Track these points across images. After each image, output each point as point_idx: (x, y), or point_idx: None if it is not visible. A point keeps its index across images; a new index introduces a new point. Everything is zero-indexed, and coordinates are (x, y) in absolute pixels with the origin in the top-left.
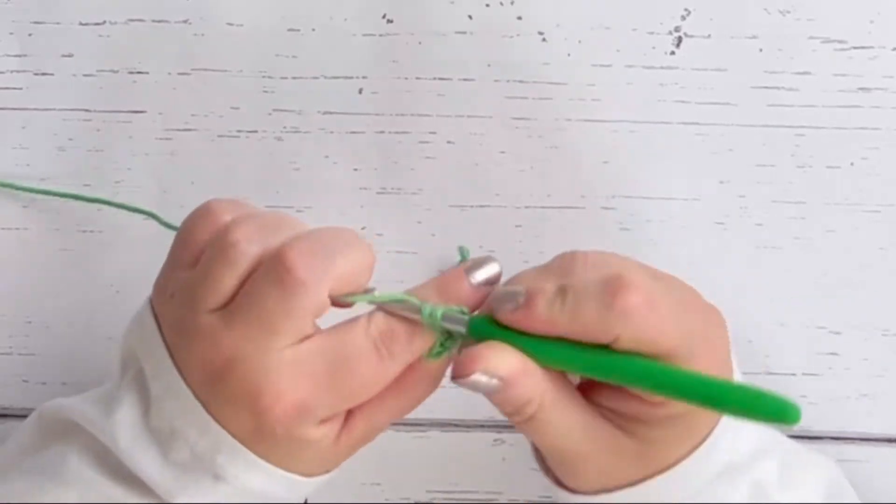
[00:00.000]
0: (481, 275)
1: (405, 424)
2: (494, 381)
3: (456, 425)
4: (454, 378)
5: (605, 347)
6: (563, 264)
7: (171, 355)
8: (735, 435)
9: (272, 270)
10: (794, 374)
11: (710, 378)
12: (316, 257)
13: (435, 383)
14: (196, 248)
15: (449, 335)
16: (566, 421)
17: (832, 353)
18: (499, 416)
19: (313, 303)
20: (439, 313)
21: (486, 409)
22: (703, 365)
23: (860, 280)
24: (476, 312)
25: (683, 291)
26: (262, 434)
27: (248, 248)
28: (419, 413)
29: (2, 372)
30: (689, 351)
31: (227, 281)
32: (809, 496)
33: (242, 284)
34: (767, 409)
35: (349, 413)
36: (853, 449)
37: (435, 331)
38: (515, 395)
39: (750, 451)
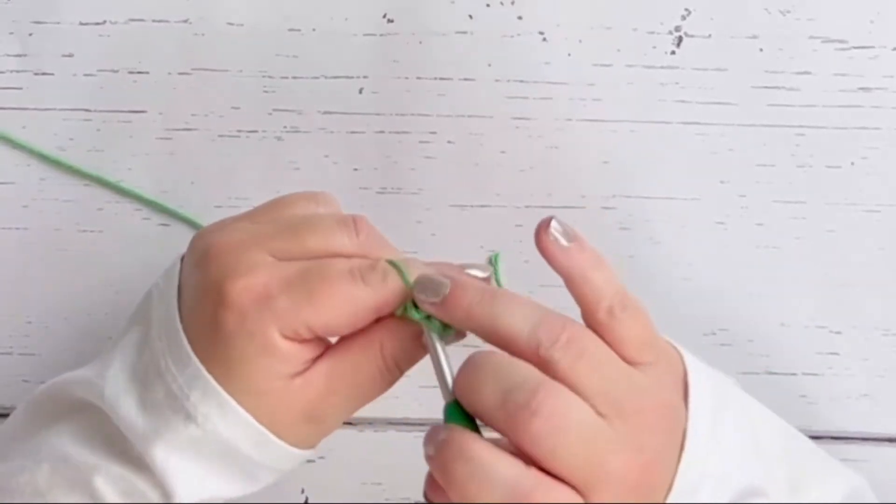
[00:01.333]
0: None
1: (405, 424)
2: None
3: None
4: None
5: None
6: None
7: (179, 289)
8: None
9: (342, 218)
10: (794, 374)
11: None
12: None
13: (400, 353)
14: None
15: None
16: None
17: (832, 353)
18: None
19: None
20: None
21: None
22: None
23: (860, 280)
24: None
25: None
26: (219, 323)
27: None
28: (419, 413)
29: (2, 372)
30: (587, 487)
31: (307, 243)
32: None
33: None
34: None
35: (311, 364)
36: (853, 449)
37: (407, 284)
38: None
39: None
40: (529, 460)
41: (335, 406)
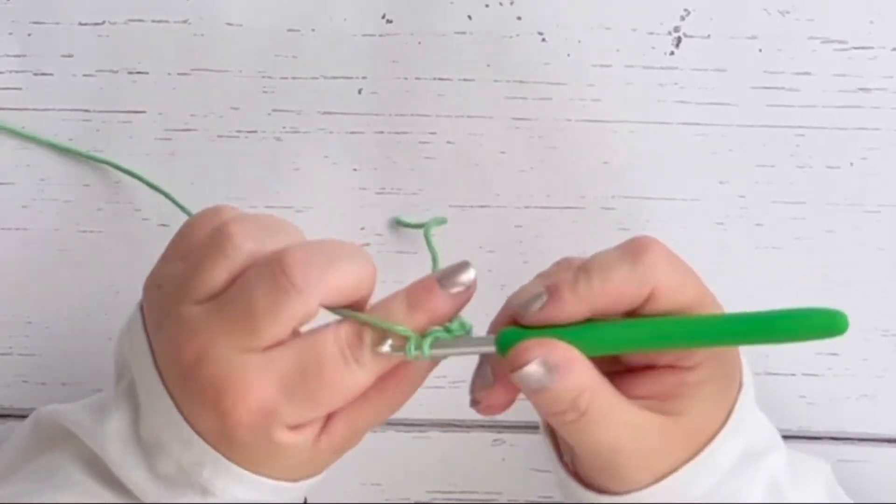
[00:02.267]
0: (456, 281)
1: (405, 424)
2: (551, 373)
3: (456, 425)
4: (510, 371)
5: (637, 319)
6: (562, 263)
7: (153, 353)
8: (752, 420)
9: (268, 269)
10: (794, 374)
11: (755, 314)
12: (313, 265)
13: (415, 386)
14: (192, 243)
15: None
16: (616, 412)
17: (832, 353)
18: (498, 417)
19: (302, 310)
20: (427, 345)
21: None
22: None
23: (860, 280)
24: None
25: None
26: (228, 437)
27: (244, 243)
28: (419, 413)
29: (2, 372)
30: (713, 299)
31: (218, 273)
32: (815, 492)
33: (233, 281)
34: (817, 323)
35: (329, 416)
36: (853, 449)
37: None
38: (571, 385)
39: (765, 441)
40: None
41: (361, 436)
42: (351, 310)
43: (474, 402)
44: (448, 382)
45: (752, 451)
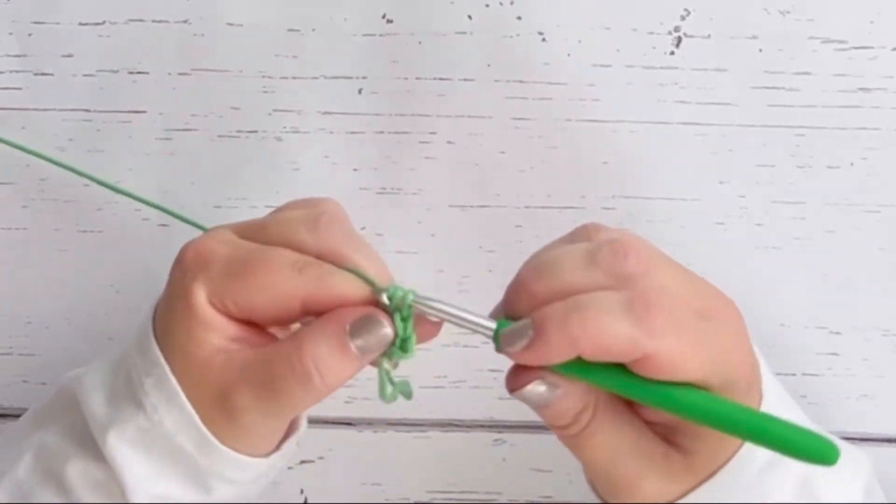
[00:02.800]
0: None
1: (405, 424)
2: (554, 389)
3: (456, 425)
4: (510, 390)
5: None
6: (590, 232)
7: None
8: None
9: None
10: (794, 375)
11: (754, 413)
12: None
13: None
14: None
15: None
16: (618, 433)
17: (832, 353)
18: (499, 416)
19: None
20: (409, 298)
21: (486, 409)
22: (734, 391)
23: (860, 280)
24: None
25: (701, 292)
26: (167, 286)
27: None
28: (419, 413)
29: (2, 372)
30: (714, 374)
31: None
32: (851, 490)
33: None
34: (808, 450)
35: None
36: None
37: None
38: (574, 401)
39: None
40: None
41: (246, 398)
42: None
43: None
44: (448, 382)
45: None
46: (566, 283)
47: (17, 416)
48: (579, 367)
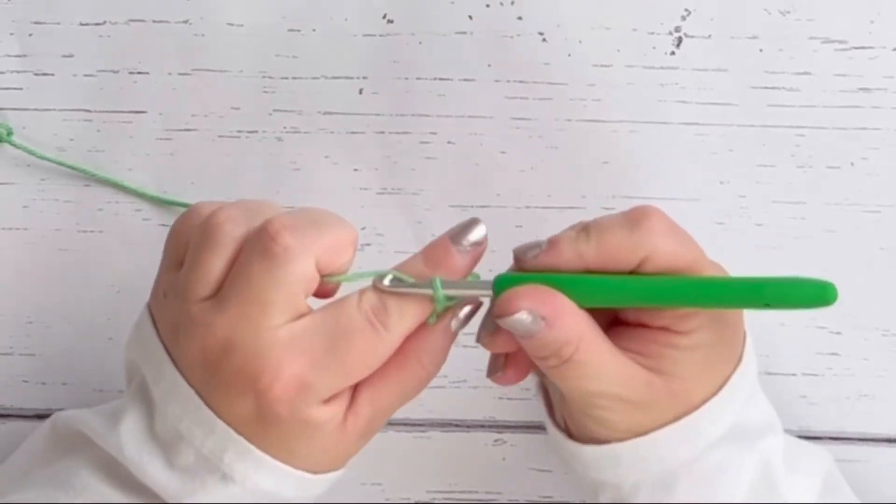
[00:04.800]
0: (468, 238)
1: (405, 424)
2: (538, 322)
3: (456, 425)
4: (496, 316)
5: (632, 276)
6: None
7: (170, 355)
8: (749, 397)
9: (257, 242)
10: (794, 375)
11: (745, 278)
12: (300, 227)
13: (436, 358)
14: (184, 245)
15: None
16: (602, 362)
17: (832, 353)
18: (499, 416)
19: (301, 271)
20: (439, 289)
21: (486, 409)
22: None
23: (860, 280)
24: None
25: None
26: (264, 419)
27: (233, 229)
28: (419, 413)
29: (2, 372)
30: (715, 268)
31: (215, 265)
32: (810, 483)
33: (230, 268)
34: (807, 292)
35: (354, 395)
36: (853, 449)
37: (440, 303)
38: (557, 335)
39: (762, 423)
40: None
41: (384, 419)
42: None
43: (483, 345)
44: (449, 382)
45: (745, 430)
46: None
47: (18, 417)
48: (581, 282)
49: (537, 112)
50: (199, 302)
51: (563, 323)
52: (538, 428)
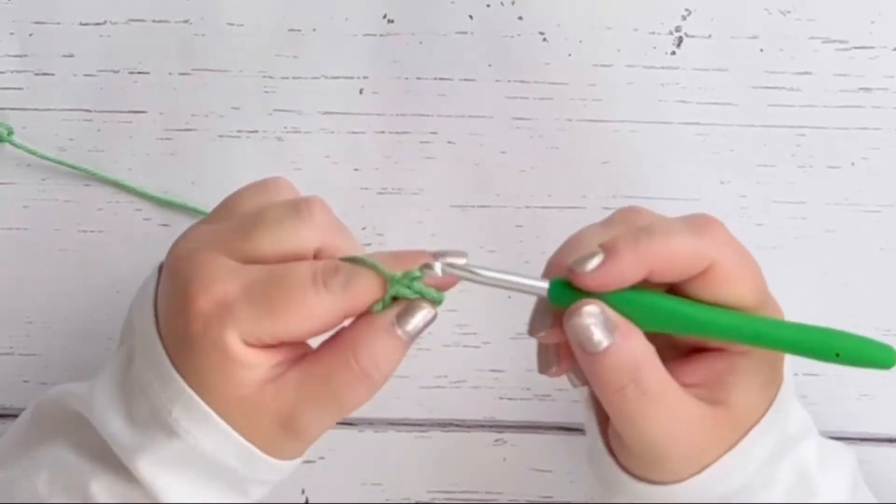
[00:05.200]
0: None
1: (405, 424)
2: (603, 338)
3: (456, 425)
4: (568, 319)
5: (696, 302)
6: (628, 215)
7: (155, 306)
8: (790, 411)
9: (293, 201)
10: (794, 374)
11: (819, 328)
12: (333, 218)
13: (372, 356)
14: (246, 206)
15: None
16: (673, 400)
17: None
18: (499, 416)
19: (299, 237)
20: (394, 283)
21: (486, 409)
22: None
23: (860, 280)
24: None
25: None
26: (186, 336)
27: (322, 222)
28: (420, 413)
29: (2, 372)
30: (770, 299)
31: (289, 239)
32: (842, 484)
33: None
34: (873, 354)
35: (282, 372)
36: (853, 449)
37: (393, 286)
38: (629, 351)
39: (799, 430)
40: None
41: (311, 415)
42: None
43: (532, 332)
44: (449, 382)
45: (787, 441)
46: (597, 239)
47: (18, 416)
48: (637, 304)
49: (537, 112)
50: (219, 255)
51: (633, 338)
52: (538, 428)
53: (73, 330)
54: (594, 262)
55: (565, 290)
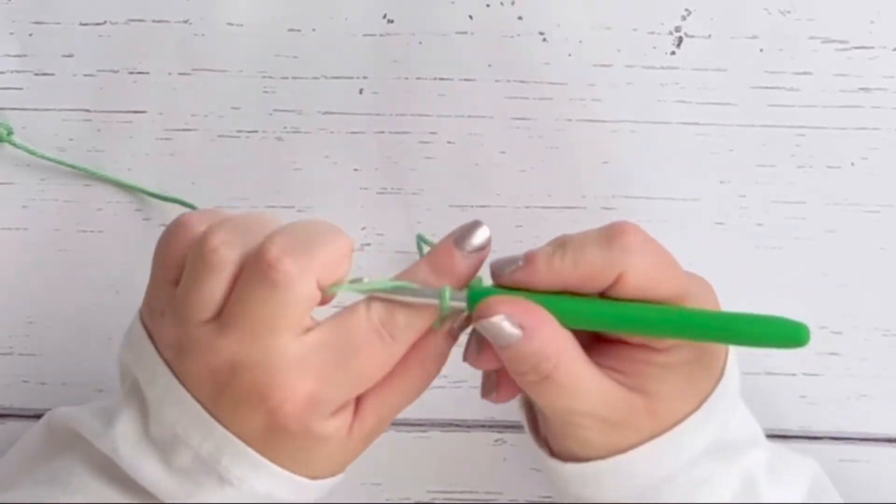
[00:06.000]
0: (471, 242)
1: (405, 424)
2: (516, 330)
3: (456, 425)
4: (475, 318)
5: (608, 299)
6: (613, 235)
7: (170, 367)
8: (731, 412)
9: (256, 270)
10: (794, 375)
11: (719, 313)
12: (297, 249)
13: (438, 361)
14: (176, 263)
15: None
16: (581, 381)
17: (832, 353)
18: (499, 416)
19: (303, 294)
20: (447, 298)
21: (486, 409)
22: (702, 305)
23: (860, 280)
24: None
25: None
26: (275, 433)
27: (229, 252)
28: (419, 413)
29: (2, 372)
30: (689, 292)
31: (215, 289)
32: (794, 493)
33: (230, 291)
34: (779, 333)
35: (358, 403)
36: (853, 449)
37: (446, 311)
38: (535, 347)
39: (743, 437)
40: None
41: (387, 423)
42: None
43: (469, 362)
44: (449, 382)
45: (728, 444)
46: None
47: (18, 417)
48: (557, 302)
49: (537, 112)
50: (201, 325)
51: (542, 335)
52: None
53: (73, 330)
54: (512, 268)
55: (482, 294)
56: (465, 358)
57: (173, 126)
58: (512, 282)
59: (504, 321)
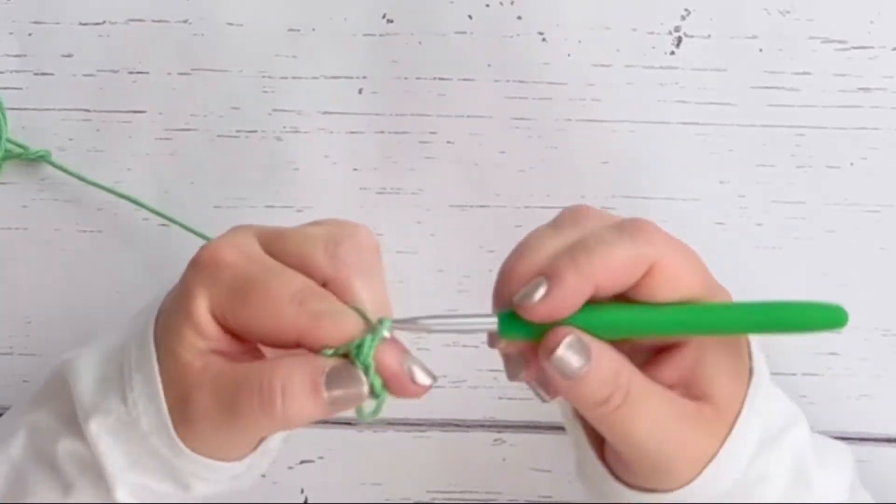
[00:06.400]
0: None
1: (405, 424)
2: (581, 363)
3: (456, 425)
4: (547, 358)
5: (634, 304)
6: (576, 216)
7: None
8: (771, 401)
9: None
10: (794, 374)
11: (759, 303)
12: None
13: (287, 385)
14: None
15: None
16: (658, 400)
17: (832, 353)
18: (499, 416)
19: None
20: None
21: (486, 409)
22: (726, 297)
23: (860, 280)
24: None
25: None
26: (180, 282)
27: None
28: (419, 413)
29: (2, 372)
30: (715, 282)
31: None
32: (841, 478)
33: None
34: (819, 317)
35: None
36: (853, 449)
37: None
38: (602, 376)
39: (785, 416)
40: None
41: (204, 408)
42: None
43: (512, 377)
44: (449, 382)
45: (773, 432)
46: (542, 253)
47: None
48: (593, 321)
49: (537, 112)
50: (250, 236)
51: (607, 359)
52: (538, 428)
53: (73, 330)
54: (539, 293)
55: (516, 322)
56: (511, 377)
57: (173, 126)
58: (545, 310)
59: (570, 354)
